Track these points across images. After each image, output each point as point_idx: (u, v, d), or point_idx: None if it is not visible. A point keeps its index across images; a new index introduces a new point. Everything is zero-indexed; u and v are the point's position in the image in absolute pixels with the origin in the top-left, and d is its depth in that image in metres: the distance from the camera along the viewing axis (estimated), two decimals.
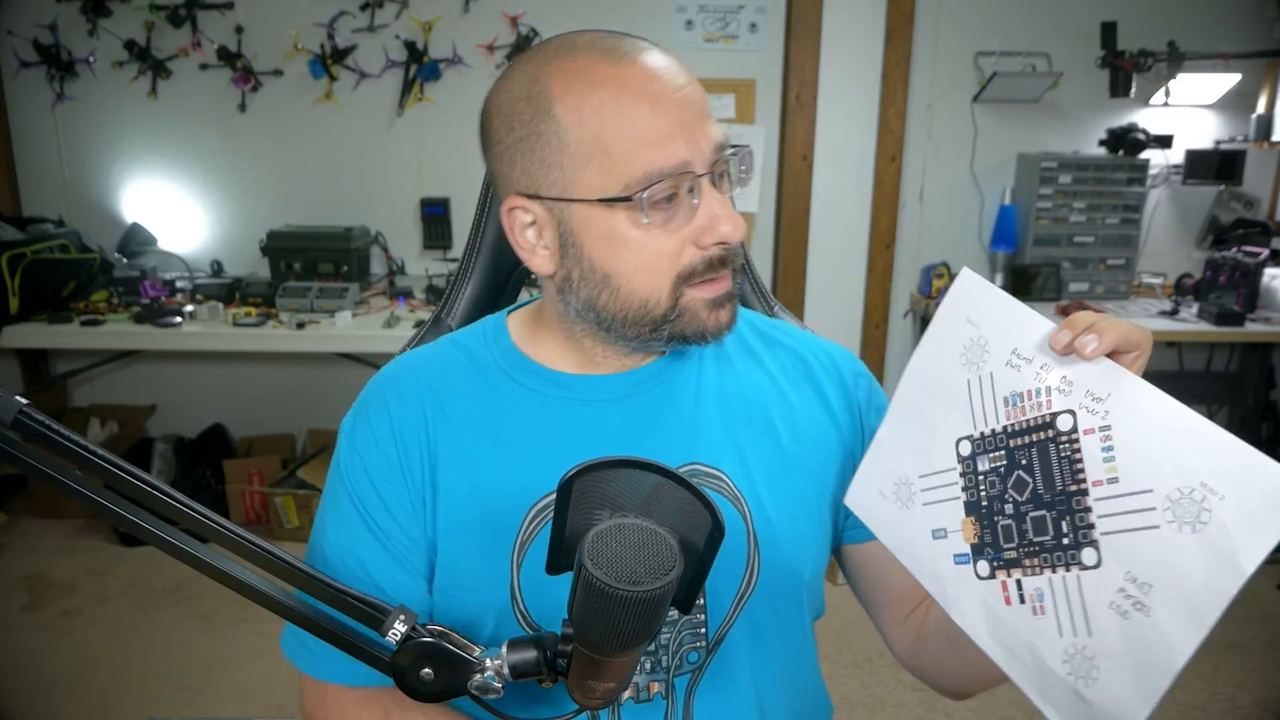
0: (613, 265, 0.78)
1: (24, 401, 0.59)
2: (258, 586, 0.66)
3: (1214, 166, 3.23)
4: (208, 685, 2.44)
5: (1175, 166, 3.32)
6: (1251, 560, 0.53)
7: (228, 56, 3.25)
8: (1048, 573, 0.64)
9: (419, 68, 3.27)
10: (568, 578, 0.63)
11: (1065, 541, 0.63)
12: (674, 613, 0.68)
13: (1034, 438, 0.64)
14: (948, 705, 2.34)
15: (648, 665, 0.85)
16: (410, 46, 3.26)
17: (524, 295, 1.10)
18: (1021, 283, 3.21)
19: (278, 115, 3.34)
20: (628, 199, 0.75)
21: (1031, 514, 0.65)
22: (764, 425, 0.89)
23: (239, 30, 3.25)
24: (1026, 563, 0.65)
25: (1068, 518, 0.62)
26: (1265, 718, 2.35)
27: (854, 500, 0.81)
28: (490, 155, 0.83)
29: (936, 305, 0.72)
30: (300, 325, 2.90)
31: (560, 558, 0.66)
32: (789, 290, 3.37)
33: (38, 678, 2.48)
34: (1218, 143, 3.32)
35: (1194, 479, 0.56)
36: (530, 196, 0.79)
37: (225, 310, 3.02)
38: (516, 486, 0.83)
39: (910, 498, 0.75)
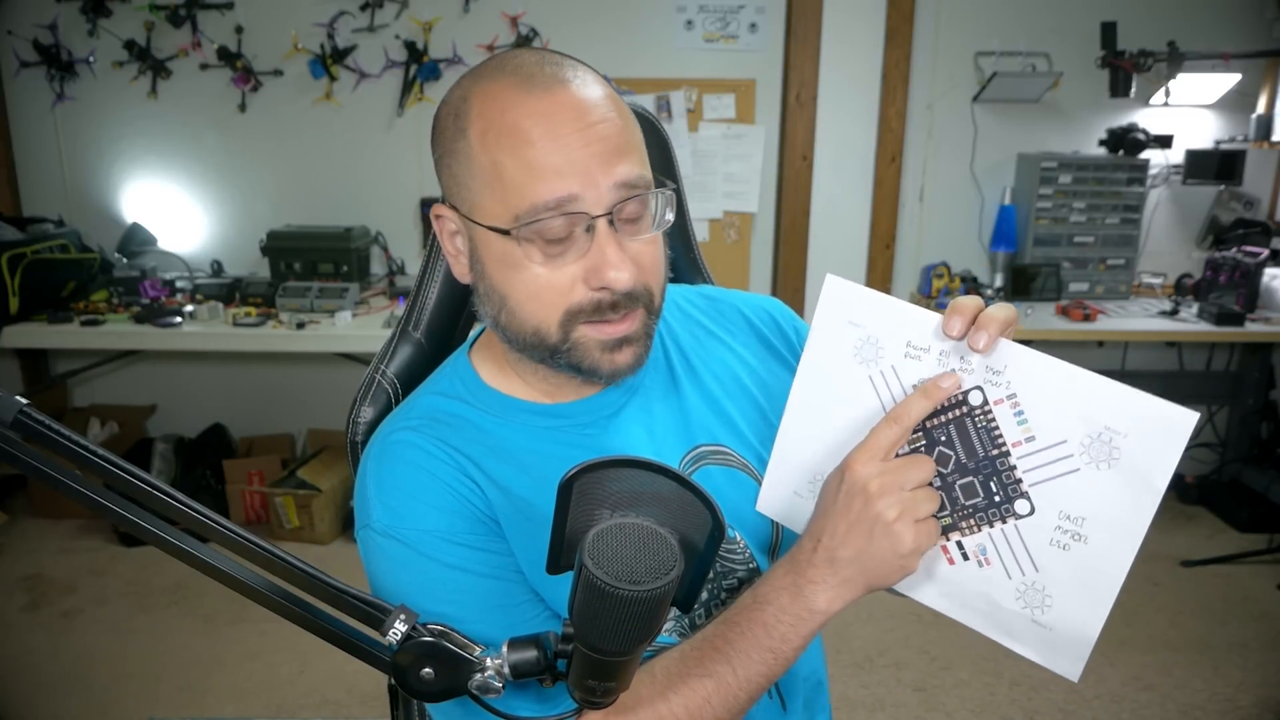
0: (508, 289, 0.79)
1: (24, 401, 0.59)
2: (258, 586, 0.66)
3: (1214, 166, 3.23)
4: (208, 685, 2.44)
5: (1175, 166, 3.32)
6: (1163, 479, 0.64)
7: (228, 56, 3.25)
8: (985, 528, 0.71)
9: (419, 68, 3.27)
10: None
11: (997, 499, 0.70)
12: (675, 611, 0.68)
13: (950, 415, 0.71)
14: (948, 705, 2.33)
15: (702, 614, 0.87)
16: (410, 46, 3.26)
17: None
18: (1021, 283, 3.21)
19: (278, 115, 3.35)
20: (508, 232, 0.75)
21: (959, 482, 0.71)
22: (740, 392, 0.94)
23: (239, 30, 3.25)
24: (963, 525, 0.72)
25: (995, 478, 0.70)
26: (1265, 718, 2.35)
27: (767, 507, 0.82)
28: (433, 160, 0.84)
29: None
30: (300, 325, 2.90)
31: (561, 557, 0.66)
32: (789, 290, 3.37)
33: (37, 678, 2.47)
34: (1218, 143, 3.32)
35: (1099, 424, 0.65)
36: (451, 207, 0.81)
37: (225, 310, 3.02)
38: None
39: None
